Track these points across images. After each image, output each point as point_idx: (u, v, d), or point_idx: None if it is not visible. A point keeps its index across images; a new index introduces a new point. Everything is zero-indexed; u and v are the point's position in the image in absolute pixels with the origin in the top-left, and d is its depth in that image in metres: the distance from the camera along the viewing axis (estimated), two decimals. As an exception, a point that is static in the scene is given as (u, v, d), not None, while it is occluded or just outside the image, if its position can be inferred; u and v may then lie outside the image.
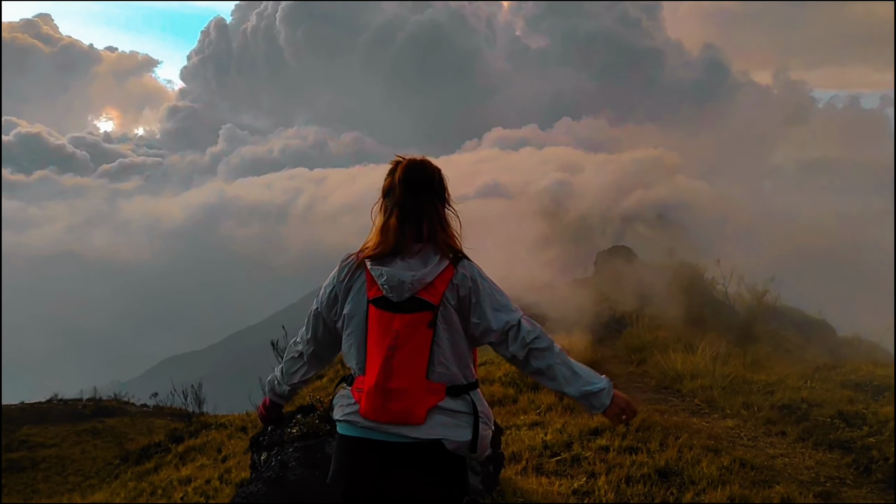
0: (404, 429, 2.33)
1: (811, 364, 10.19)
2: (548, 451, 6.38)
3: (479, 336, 2.47)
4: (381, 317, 2.37)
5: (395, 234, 2.43)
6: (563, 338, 12.97)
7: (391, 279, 2.35)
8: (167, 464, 10.85)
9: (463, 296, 2.43)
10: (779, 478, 5.71)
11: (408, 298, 2.35)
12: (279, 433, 4.62)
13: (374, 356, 2.36)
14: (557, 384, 2.55)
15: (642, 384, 10.36)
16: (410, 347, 2.33)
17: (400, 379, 2.31)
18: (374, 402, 2.32)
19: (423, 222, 2.45)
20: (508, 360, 2.53)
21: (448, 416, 2.37)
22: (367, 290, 2.42)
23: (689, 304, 15.46)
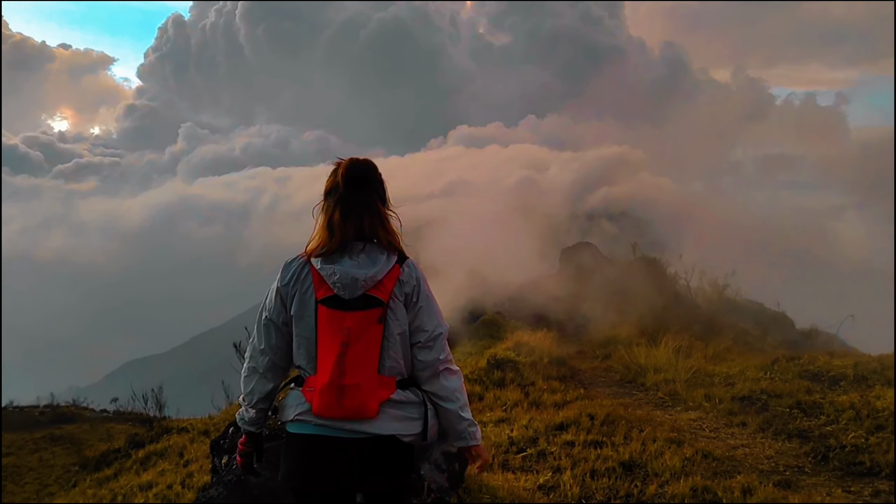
0: (358, 424, 2.37)
1: (770, 356, 10.40)
2: (514, 448, 6.39)
3: (410, 334, 2.51)
4: (332, 316, 2.39)
5: (340, 231, 2.46)
6: (529, 333, 13.04)
7: (344, 277, 2.39)
8: (127, 470, 10.59)
9: (408, 293, 2.49)
10: (740, 468, 5.80)
11: (359, 298, 2.39)
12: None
13: (327, 354, 2.38)
14: (454, 405, 2.54)
15: (607, 378, 10.48)
16: (363, 344, 2.37)
17: (354, 375, 2.35)
18: (327, 400, 2.35)
19: (365, 217, 2.49)
20: (422, 365, 2.51)
21: (399, 408, 2.43)
22: (314, 291, 2.44)
23: (653, 299, 15.68)
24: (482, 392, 8.98)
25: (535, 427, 6.84)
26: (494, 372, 9.82)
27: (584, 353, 12.66)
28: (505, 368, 9.95)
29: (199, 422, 12.14)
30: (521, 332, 13.23)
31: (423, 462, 4.48)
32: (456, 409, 2.52)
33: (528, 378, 9.59)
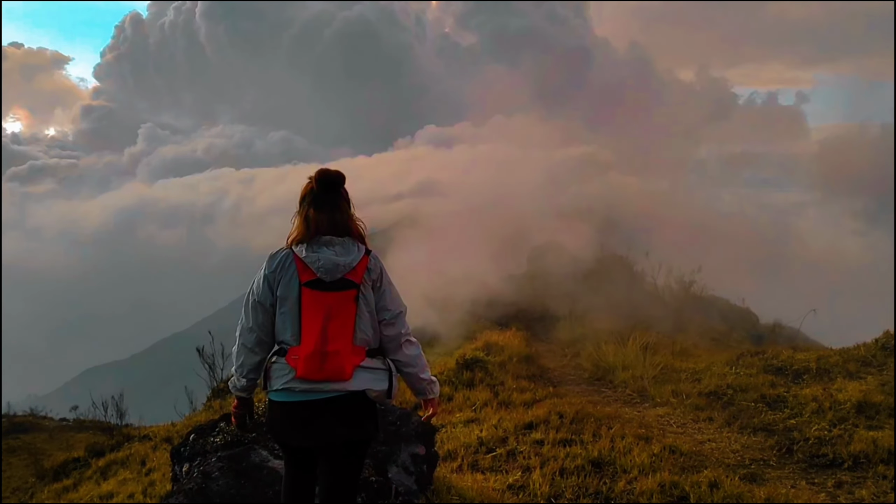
0: (336, 384, 2.91)
1: (736, 351, 10.55)
2: (483, 448, 6.34)
3: (377, 312, 3.09)
4: (315, 296, 2.93)
5: (315, 223, 3.00)
6: (498, 333, 13.02)
7: (327, 263, 2.93)
8: (87, 479, 10.31)
9: (374, 279, 3.07)
10: (707, 462, 5.84)
11: (337, 281, 2.94)
12: (201, 443, 4.38)
13: (310, 327, 2.91)
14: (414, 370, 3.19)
15: (576, 376, 10.50)
16: (341, 319, 2.93)
17: (334, 343, 2.90)
18: (312, 364, 2.88)
19: (335, 212, 3.04)
20: (387, 339, 3.12)
21: (368, 372, 3.01)
22: (298, 276, 2.96)
23: (620, 297, 15.80)
24: (451, 392, 8.93)
25: (505, 427, 6.81)
26: (464, 372, 9.77)
27: (553, 352, 12.68)
28: (474, 368, 9.91)
29: (161, 429, 11.89)
30: (490, 332, 13.21)
31: (391, 465, 4.41)
32: (416, 372, 3.20)
33: (498, 378, 9.56)
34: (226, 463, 4.06)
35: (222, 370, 13.61)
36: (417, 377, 3.21)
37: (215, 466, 4.04)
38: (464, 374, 9.68)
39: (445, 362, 10.81)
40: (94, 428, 18.53)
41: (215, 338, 13.90)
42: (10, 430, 19.64)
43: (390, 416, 4.86)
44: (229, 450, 4.20)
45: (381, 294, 3.08)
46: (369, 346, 3.06)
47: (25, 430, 19.78)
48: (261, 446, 4.24)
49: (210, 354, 13.37)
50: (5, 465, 17.17)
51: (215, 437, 4.36)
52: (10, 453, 17.91)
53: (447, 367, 10.24)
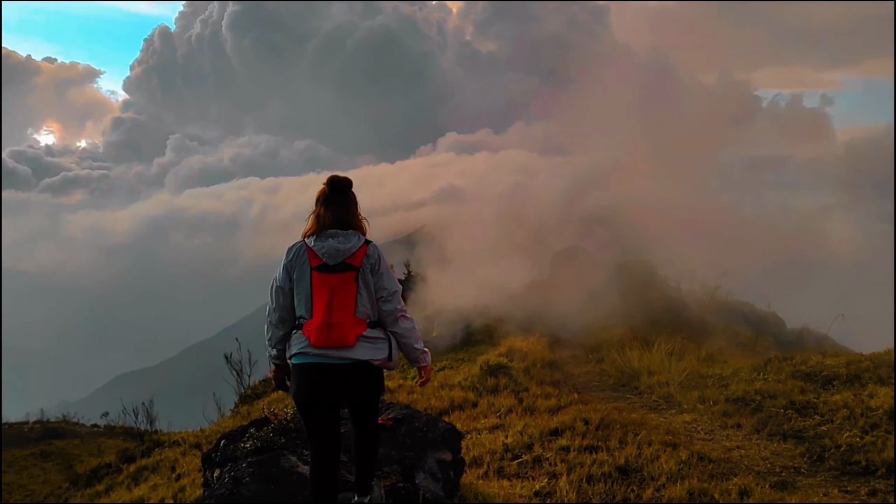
0: (342, 352, 3.54)
1: (763, 356, 10.41)
2: (509, 454, 6.33)
3: (375, 291, 3.68)
4: (322, 277, 3.58)
5: (323, 219, 3.67)
6: (521, 339, 12.99)
7: (330, 250, 3.60)
8: (119, 485, 10.46)
9: (372, 263, 3.66)
10: (736, 470, 5.77)
11: (340, 263, 3.59)
12: (231, 448, 4.46)
13: (319, 303, 3.56)
14: (409, 340, 3.78)
15: (600, 382, 10.44)
16: (343, 296, 3.57)
17: (338, 315, 3.53)
18: (321, 333, 3.51)
19: (342, 210, 3.70)
20: (385, 313, 3.71)
21: (370, 342, 3.62)
22: (310, 262, 3.62)
23: (644, 302, 15.68)
24: (476, 399, 8.93)
25: (530, 433, 6.80)
26: (488, 378, 9.77)
27: (577, 358, 12.62)
28: (498, 374, 9.90)
29: (190, 435, 12.02)
30: (514, 338, 13.19)
31: (418, 471, 4.44)
32: (411, 343, 3.79)
33: (522, 384, 9.55)
34: (256, 468, 4.12)
35: (249, 377, 13.76)
36: (412, 347, 3.80)
37: (246, 472, 4.11)
38: (488, 380, 9.68)
39: (469, 368, 10.82)
40: (124, 434, 18.86)
41: (242, 345, 14.08)
42: (44, 436, 20.03)
43: (416, 422, 4.90)
44: (259, 455, 4.27)
45: (378, 276, 3.67)
46: (370, 318, 3.67)
47: (58, 436, 20.16)
48: (290, 452, 4.30)
49: (237, 361, 13.53)
50: (39, 469, 17.52)
51: (245, 443, 4.43)
52: (43, 458, 18.27)
53: (471, 374, 10.24)
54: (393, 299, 3.71)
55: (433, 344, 14.70)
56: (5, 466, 17.81)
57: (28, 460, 18.36)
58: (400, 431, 4.80)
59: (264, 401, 12.37)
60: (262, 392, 13.28)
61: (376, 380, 3.71)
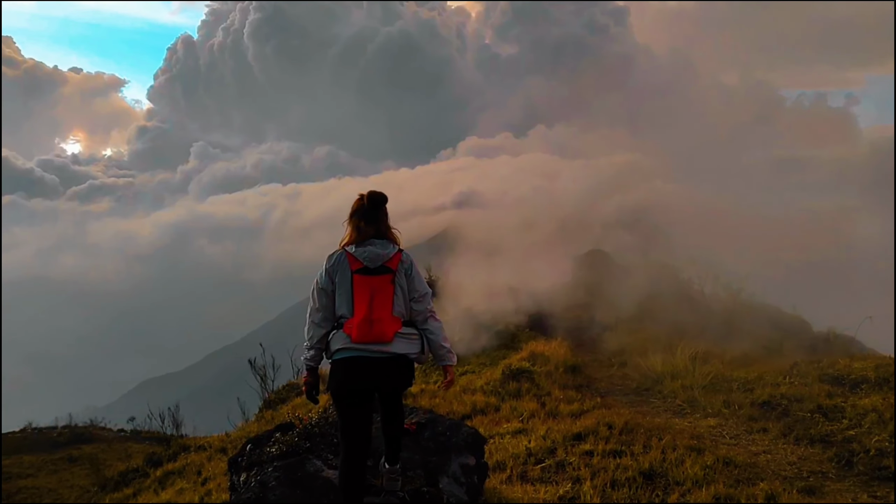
0: (381, 346, 3.90)
1: (789, 360, 10.27)
2: (532, 459, 6.33)
3: (409, 293, 4.10)
4: (363, 279, 3.96)
5: (365, 231, 4.08)
6: (543, 343, 12.96)
7: (371, 254, 4.00)
8: (146, 489, 10.59)
9: (406, 268, 4.11)
10: (762, 474, 5.72)
11: (379, 266, 3.98)
12: (257, 453, 4.51)
13: (361, 302, 3.93)
14: (437, 338, 4.17)
15: (623, 387, 10.38)
16: (382, 295, 3.96)
17: (378, 313, 3.91)
18: (363, 329, 3.87)
19: (380, 223, 4.13)
20: (416, 313, 4.13)
21: (405, 338, 4.02)
22: (350, 266, 3.99)
23: (667, 306, 15.55)
24: (498, 403, 8.92)
25: (553, 437, 6.78)
26: (510, 383, 9.76)
27: (599, 362, 12.55)
28: (520, 379, 9.89)
29: (215, 439, 12.13)
30: (536, 342, 13.15)
31: (442, 475, 4.46)
32: (439, 341, 4.18)
33: (544, 388, 9.53)
34: (282, 473, 4.17)
35: (273, 381, 13.86)
36: (440, 344, 4.18)
37: (272, 476, 4.16)
38: (510, 385, 9.68)
39: (491, 373, 10.81)
40: (151, 438, 19.09)
41: (266, 350, 14.20)
42: (72, 441, 20.36)
43: (440, 426, 4.92)
44: (284, 460, 4.32)
45: (411, 280, 4.11)
46: (404, 317, 4.07)
47: (86, 441, 20.48)
48: (315, 456, 4.35)
49: (261, 366, 13.64)
50: (68, 473, 17.81)
51: (271, 448, 4.48)
52: (71, 463, 18.57)
53: (493, 378, 10.24)
54: (424, 300, 4.14)
55: (454, 348, 14.69)
56: (34, 470, 18.13)
57: (57, 464, 18.67)
58: (423, 436, 4.82)
59: (288, 405, 12.47)
60: (286, 397, 13.37)
61: (409, 372, 4.10)
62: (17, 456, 19.04)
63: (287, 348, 14.77)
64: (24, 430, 21.43)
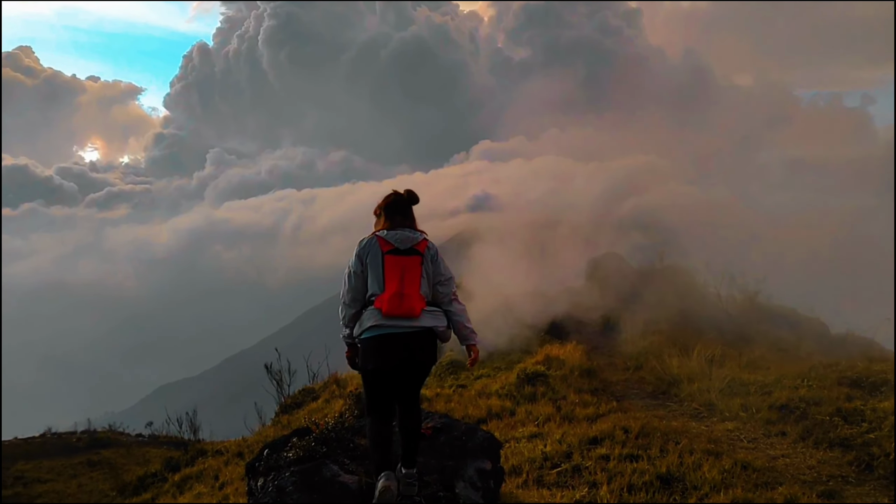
0: (411, 321, 4.19)
1: (807, 362, 10.19)
2: (548, 463, 6.32)
3: (433, 276, 4.43)
4: (394, 259, 4.29)
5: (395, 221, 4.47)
6: (558, 346, 12.93)
7: (401, 237, 4.38)
8: (164, 493, 10.67)
9: (432, 254, 4.47)
10: (781, 479, 5.68)
11: (408, 248, 4.34)
12: (274, 458, 4.54)
13: (392, 278, 4.24)
14: (460, 319, 4.47)
15: (639, 390, 10.33)
16: (411, 274, 4.28)
17: (408, 288, 4.22)
18: (393, 303, 4.16)
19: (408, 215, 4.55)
20: (441, 295, 4.44)
21: (431, 313, 4.32)
22: (381, 248, 4.32)
23: (682, 308, 15.46)
24: (513, 407, 8.91)
25: (569, 441, 6.77)
26: (525, 386, 9.75)
27: (614, 365, 12.51)
28: (535, 383, 9.88)
29: (232, 444, 12.20)
30: (551, 346, 13.12)
31: (458, 480, 4.46)
32: (462, 321, 4.48)
33: (560, 392, 9.50)
34: (299, 478, 4.19)
35: (289, 386, 13.93)
36: (463, 325, 4.48)
37: (289, 481, 4.18)
38: (525, 389, 9.66)
39: (506, 377, 10.80)
40: (168, 443, 19.23)
41: (282, 354, 14.27)
42: (91, 446, 20.55)
43: (455, 430, 4.93)
44: (301, 465, 4.35)
45: (437, 264, 4.44)
46: (428, 297, 4.36)
47: (105, 446, 20.67)
48: (331, 461, 4.37)
49: (277, 371, 13.71)
50: (87, 478, 17.98)
51: (288, 453, 4.51)
52: (91, 467, 18.74)
53: (508, 382, 10.22)
54: (449, 283, 4.48)
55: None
56: (54, 475, 18.33)
57: (76, 469, 18.85)
58: (439, 440, 4.83)
59: (304, 410, 12.52)
60: (302, 401, 13.43)
61: (435, 346, 4.34)
62: (37, 461, 19.24)
63: (303, 353, 14.85)
64: (44, 435, 21.66)
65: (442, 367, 13.81)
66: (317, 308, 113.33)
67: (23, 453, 19.80)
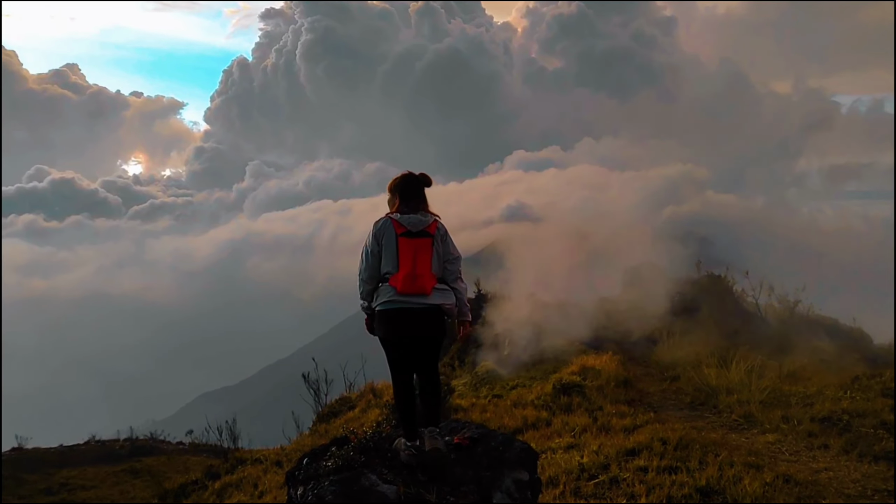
0: (422, 299, 4.51)
1: (850, 373, 9.96)
2: (585, 474, 6.30)
3: (443, 255, 4.71)
4: (407, 241, 4.58)
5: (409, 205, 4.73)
6: (594, 357, 12.85)
7: (413, 220, 4.65)
8: (205, 501, 10.88)
9: (442, 235, 4.75)
10: (825, 493, 5.58)
11: (420, 231, 4.60)
12: (314, 467, 4.63)
13: (405, 259, 4.55)
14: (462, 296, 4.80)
15: (677, 401, 10.21)
16: (424, 255, 4.57)
17: (420, 268, 4.53)
18: (407, 282, 4.48)
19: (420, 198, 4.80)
20: (448, 273, 4.73)
21: (440, 291, 4.62)
22: (395, 230, 4.60)
23: (720, 318, 15.24)
24: (549, 417, 8.90)
25: (606, 453, 6.74)
26: (561, 397, 9.72)
27: (651, 376, 12.38)
28: (571, 393, 9.85)
29: (271, 452, 12.38)
30: (586, 356, 13.05)
31: (495, 491, 4.49)
32: (464, 300, 4.81)
33: (596, 402, 9.46)
34: (338, 487, 4.26)
35: (326, 395, 14.08)
36: (463, 301, 4.81)
37: (328, 490, 4.25)
38: (561, 399, 9.64)
39: (542, 387, 10.77)
40: (208, 451, 19.55)
41: (319, 364, 14.43)
42: (133, 453, 21.02)
43: (492, 441, 4.96)
44: (340, 474, 4.41)
45: (446, 244, 4.74)
46: (438, 275, 4.66)
47: (146, 453, 21.12)
48: (370, 470, 4.43)
49: (315, 380, 13.87)
50: (129, 486, 18.38)
51: (327, 462, 4.58)
52: (133, 475, 19.17)
53: (543, 392, 10.21)
54: (457, 262, 4.79)
55: (504, 362, 14.71)
56: (97, 482, 18.78)
57: (119, 476, 19.29)
58: (476, 451, 4.86)
59: (341, 419, 12.65)
60: (339, 410, 13.57)
61: (443, 322, 4.67)
62: (81, 468, 19.74)
63: (339, 362, 14.99)
64: (88, 442, 22.21)
65: (477, 377, 13.83)
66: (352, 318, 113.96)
67: (67, 460, 20.33)
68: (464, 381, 13.86)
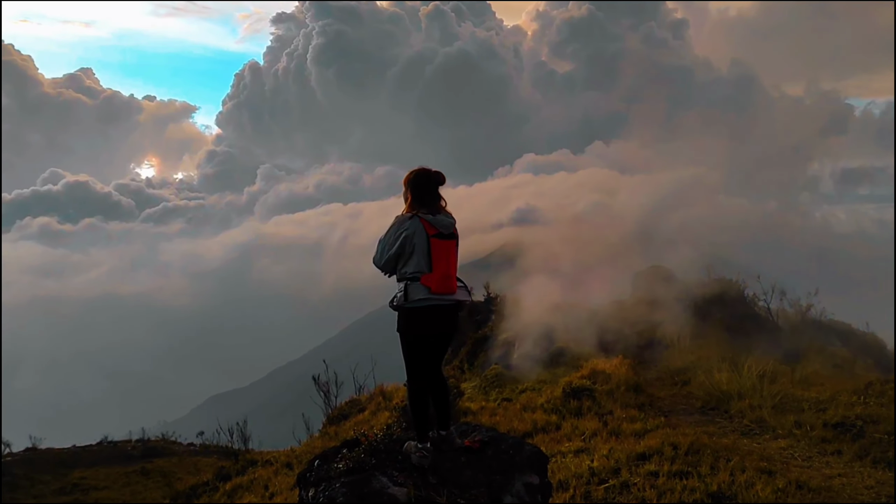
0: (451, 296, 4.72)
1: (863, 379, 9.89)
2: (595, 479, 6.29)
3: None
4: (440, 243, 4.72)
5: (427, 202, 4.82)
6: (604, 361, 12.82)
7: (445, 223, 4.78)
8: (216, 502, 10.94)
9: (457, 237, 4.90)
10: (838, 499, 5.55)
11: (449, 233, 4.77)
12: (325, 469, 4.65)
13: (439, 261, 4.69)
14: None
15: (688, 405, 10.16)
16: (453, 256, 4.79)
17: (452, 269, 4.76)
18: (442, 283, 4.67)
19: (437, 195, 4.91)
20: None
21: (462, 289, 4.85)
22: (426, 231, 4.70)
23: (731, 322, 15.16)
24: (559, 421, 8.88)
25: (616, 457, 6.72)
26: (571, 401, 9.71)
27: (661, 380, 12.33)
28: (581, 397, 9.83)
29: (281, 454, 12.43)
30: (596, 360, 13.02)
31: (506, 494, 4.50)
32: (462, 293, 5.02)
33: (606, 407, 9.44)
34: (349, 489, 4.28)
35: (336, 398, 14.12)
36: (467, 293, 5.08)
37: (339, 492, 4.27)
38: (571, 403, 9.62)
39: (551, 391, 10.76)
40: (219, 453, 19.64)
41: (329, 366, 14.49)
42: (145, 454, 21.14)
43: (503, 444, 4.96)
44: (351, 476, 4.43)
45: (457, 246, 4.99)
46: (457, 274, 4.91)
47: (158, 454, 21.23)
48: (381, 473, 4.45)
49: (324, 382, 13.92)
50: (141, 486, 18.48)
51: (338, 464, 4.60)
52: (144, 476, 19.27)
53: (553, 396, 10.19)
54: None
55: (514, 365, 14.69)
56: (109, 483, 18.90)
57: (130, 477, 19.41)
58: (487, 454, 4.87)
59: (351, 421, 12.69)
60: (349, 413, 13.61)
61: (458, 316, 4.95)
62: (94, 468, 19.88)
63: (349, 365, 15.04)
64: (101, 443, 22.35)
65: (486, 380, 13.83)
66: (362, 320, 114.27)
67: (80, 461, 20.48)
68: (473, 384, 13.86)
